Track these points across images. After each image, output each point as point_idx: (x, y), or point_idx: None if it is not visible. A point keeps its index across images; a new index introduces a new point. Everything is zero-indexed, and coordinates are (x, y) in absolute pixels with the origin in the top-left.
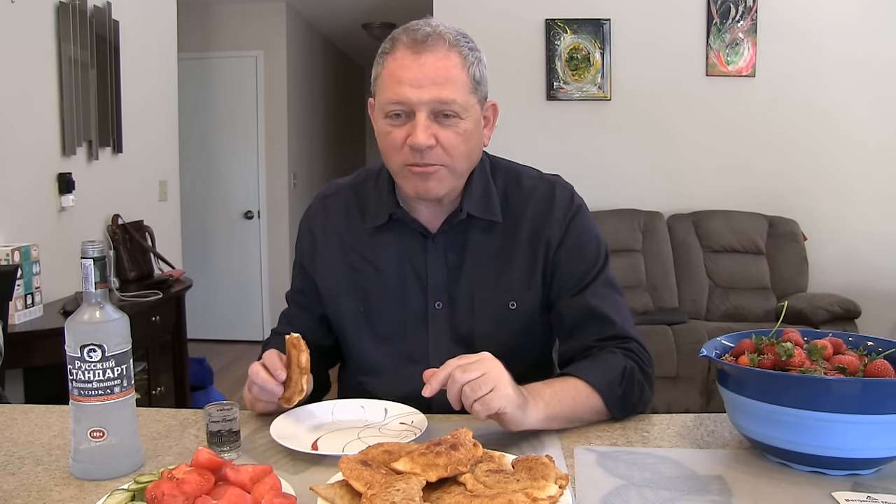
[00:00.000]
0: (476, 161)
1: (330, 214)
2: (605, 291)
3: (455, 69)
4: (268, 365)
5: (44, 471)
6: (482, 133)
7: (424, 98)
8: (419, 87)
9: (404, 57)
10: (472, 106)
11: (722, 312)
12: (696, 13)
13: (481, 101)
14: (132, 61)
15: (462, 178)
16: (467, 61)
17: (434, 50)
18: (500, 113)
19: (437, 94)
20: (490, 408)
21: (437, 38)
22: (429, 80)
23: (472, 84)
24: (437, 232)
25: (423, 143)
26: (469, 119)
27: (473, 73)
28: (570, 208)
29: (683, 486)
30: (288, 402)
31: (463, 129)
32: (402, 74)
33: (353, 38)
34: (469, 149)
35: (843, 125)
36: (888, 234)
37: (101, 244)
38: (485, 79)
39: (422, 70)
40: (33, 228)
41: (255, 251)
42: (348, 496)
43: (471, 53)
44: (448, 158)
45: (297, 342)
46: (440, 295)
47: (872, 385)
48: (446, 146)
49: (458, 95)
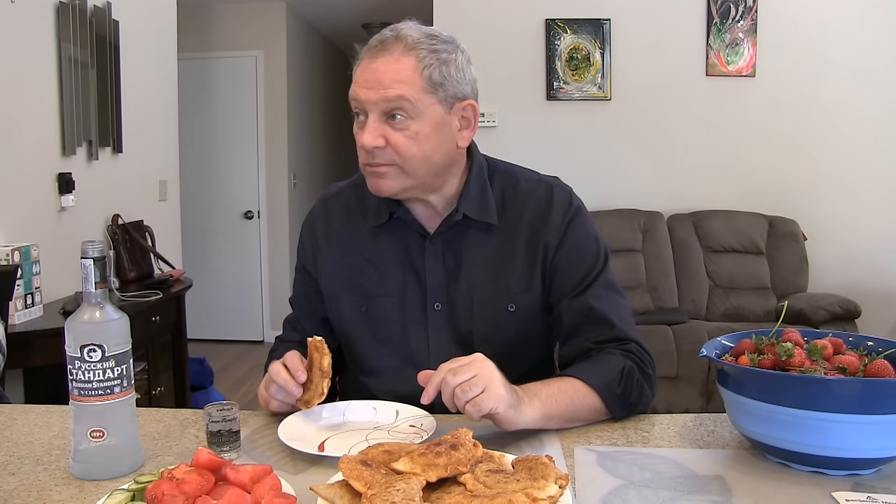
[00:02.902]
0: (443, 163)
1: (331, 216)
2: (605, 293)
3: (406, 72)
4: (289, 366)
5: (44, 471)
6: (452, 135)
7: (372, 98)
8: (369, 88)
9: (363, 60)
10: (427, 106)
11: (722, 312)
12: (696, 13)
13: (447, 102)
14: (132, 61)
15: (422, 177)
16: (422, 63)
17: (387, 53)
18: (500, 113)
19: (382, 94)
20: (481, 409)
21: (395, 41)
22: (377, 83)
23: (428, 85)
24: (434, 233)
25: (367, 143)
26: (423, 120)
27: (430, 74)
28: (569, 211)
29: (683, 486)
30: (306, 405)
31: (414, 131)
32: (359, 76)
33: (353, 38)
34: (425, 151)
35: (843, 125)
36: (888, 234)
37: (101, 244)
38: (453, 79)
39: (374, 73)
40: (33, 228)
41: (255, 251)
42: (348, 496)
43: (431, 55)
44: (399, 159)
45: (321, 345)
46: (439, 296)
47: (872, 385)
48: (395, 147)
49: (405, 91)
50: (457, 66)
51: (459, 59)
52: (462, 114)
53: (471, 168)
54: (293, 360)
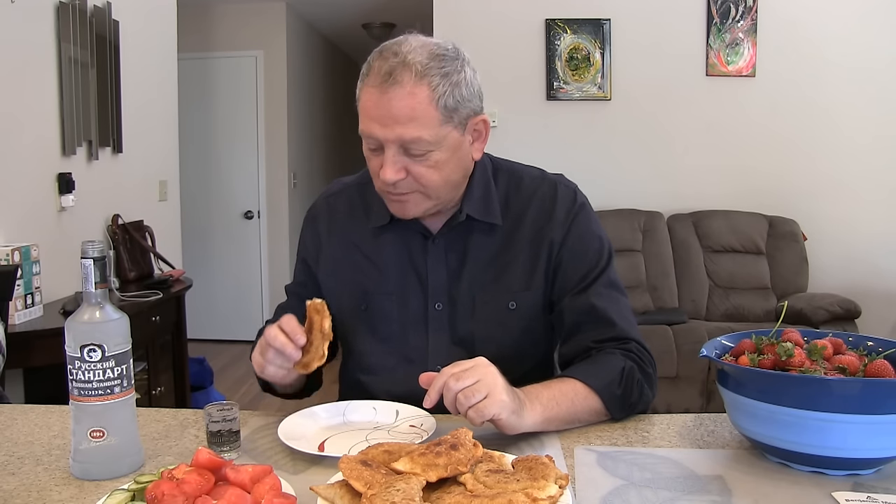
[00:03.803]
0: (460, 180)
1: (334, 213)
2: (608, 292)
3: (421, 106)
4: (287, 329)
5: (44, 471)
6: (467, 152)
7: (390, 136)
8: (384, 126)
9: (372, 92)
10: (444, 136)
11: (722, 312)
12: (696, 13)
13: (461, 124)
14: (132, 61)
15: (443, 197)
16: (436, 93)
17: (399, 87)
18: (500, 113)
19: (400, 134)
20: (484, 415)
21: (403, 69)
22: (392, 120)
23: (444, 115)
24: (437, 233)
25: (390, 179)
26: (442, 149)
27: (444, 103)
28: (573, 208)
29: (683, 486)
30: (305, 368)
31: (435, 161)
32: (370, 110)
33: (353, 38)
34: (445, 175)
35: (843, 125)
36: (888, 234)
37: (101, 244)
38: (465, 100)
39: (387, 109)
40: (33, 228)
41: (255, 251)
42: (348, 496)
43: (443, 81)
44: (420, 186)
45: (321, 307)
46: (440, 296)
47: (872, 385)
48: (417, 177)
49: (423, 132)
50: (467, 84)
51: (468, 75)
52: (474, 128)
53: (474, 169)
54: (291, 324)
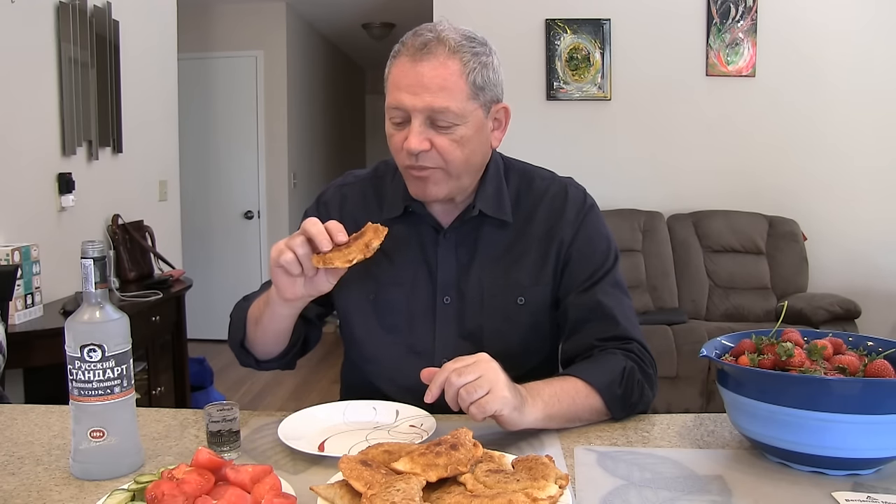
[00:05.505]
0: (480, 164)
1: (346, 201)
2: (613, 291)
3: (452, 77)
4: (330, 227)
5: (44, 471)
6: (488, 136)
7: (419, 105)
8: (414, 95)
9: (405, 63)
10: (470, 112)
11: (722, 312)
12: (696, 13)
13: (486, 105)
14: (132, 61)
15: (462, 179)
16: (467, 67)
17: (432, 57)
18: None
19: (430, 102)
20: (486, 410)
21: (437, 43)
22: (423, 88)
23: (472, 90)
24: (449, 227)
25: (415, 148)
26: (467, 125)
27: (473, 79)
28: (583, 209)
29: (683, 486)
30: (323, 263)
31: (459, 136)
32: (401, 80)
33: (353, 38)
34: (467, 154)
35: (842, 125)
36: (888, 234)
37: (101, 244)
38: (491, 83)
39: (418, 77)
40: (33, 228)
41: (254, 251)
42: (348, 496)
43: (473, 59)
44: (443, 162)
45: (380, 232)
46: (449, 290)
47: (872, 385)
48: (441, 150)
49: (452, 103)
50: (493, 70)
51: (495, 62)
52: (495, 116)
53: (488, 165)
54: (335, 224)
